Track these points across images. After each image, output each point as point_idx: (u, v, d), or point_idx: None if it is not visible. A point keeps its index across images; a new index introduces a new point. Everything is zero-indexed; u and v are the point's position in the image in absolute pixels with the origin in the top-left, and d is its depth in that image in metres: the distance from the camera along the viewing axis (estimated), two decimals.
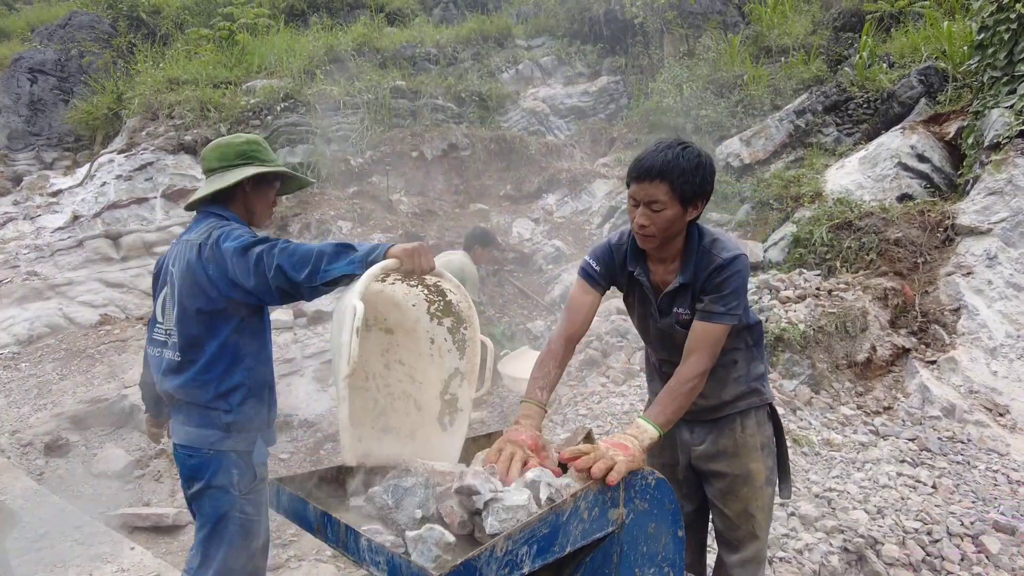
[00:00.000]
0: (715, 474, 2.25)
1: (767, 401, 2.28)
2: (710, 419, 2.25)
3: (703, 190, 1.95)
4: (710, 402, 2.22)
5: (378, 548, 1.37)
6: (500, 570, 1.35)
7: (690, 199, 1.94)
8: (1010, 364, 4.95)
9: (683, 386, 1.92)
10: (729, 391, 2.21)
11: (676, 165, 1.89)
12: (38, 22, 12.44)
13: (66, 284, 6.75)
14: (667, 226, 1.97)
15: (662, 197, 1.92)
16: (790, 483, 2.37)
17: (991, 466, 4.13)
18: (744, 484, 2.21)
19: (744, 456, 2.22)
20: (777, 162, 8.10)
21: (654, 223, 1.96)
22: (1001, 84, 6.16)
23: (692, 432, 2.30)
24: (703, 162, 1.93)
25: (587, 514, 1.56)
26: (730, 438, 2.22)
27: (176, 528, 4.01)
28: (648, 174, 1.92)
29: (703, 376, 1.94)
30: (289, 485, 1.68)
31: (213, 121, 8.33)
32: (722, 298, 1.96)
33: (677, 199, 1.93)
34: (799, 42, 9.63)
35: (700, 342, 1.96)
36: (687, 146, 1.94)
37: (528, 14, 11.33)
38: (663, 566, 1.81)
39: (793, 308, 5.34)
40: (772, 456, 2.28)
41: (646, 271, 2.15)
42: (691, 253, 2.04)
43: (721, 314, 1.96)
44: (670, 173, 1.90)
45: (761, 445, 2.24)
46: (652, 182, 1.92)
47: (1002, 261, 5.45)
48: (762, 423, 2.26)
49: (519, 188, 8.89)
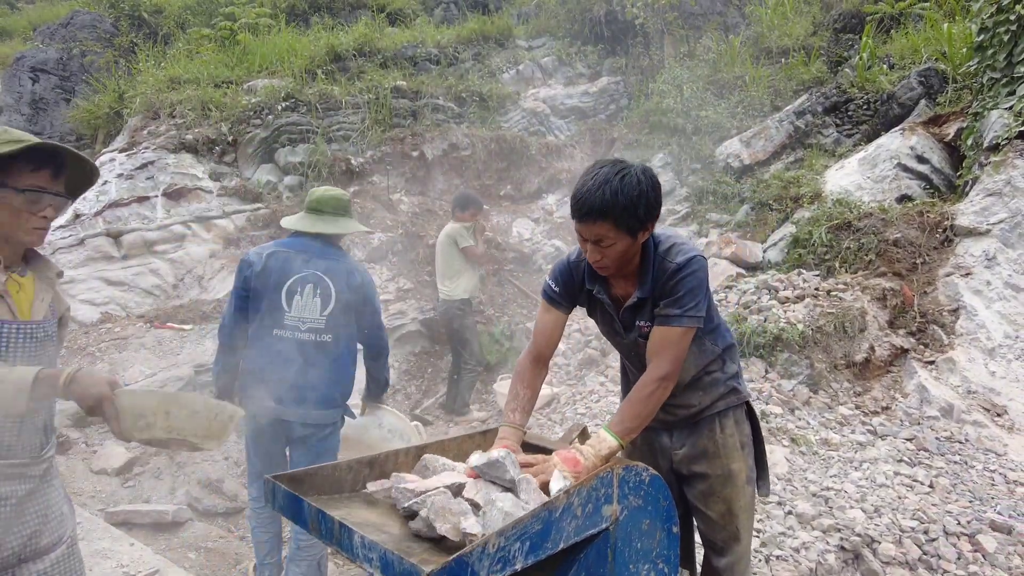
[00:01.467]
0: (697, 476, 2.26)
1: (744, 400, 2.29)
2: (690, 423, 2.26)
3: (650, 215, 1.90)
4: (691, 411, 2.24)
5: (371, 545, 1.38)
6: (492, 566, 1.36)
7: (637, 229, 1.90)
8: (1008, 365, 4.96)
9: (641, 392, 1.89)
10: (708, 396, 2.23)
11: (616, 203, 1.82)
12: (40, 21, 12.46)
13: (67, 282, 6.76)
14: (619, 258, 1.95)
15: (609, 234, 1.88)
16: (768, 480, 2.38)
17: (988, 466, 4.13)
18: (726, 484, 2.22)
19: (725, 456, 2.22)
20: (777, 163, 8.11)
21: (606, 256, 1.93)
22: (1001, 85, 6.16)
23: (672, 436, 2.30)
24: (644, 189, 1.86)
25: (580, 510, 1.57)
26: (710, 439, 2.23)
27: (176, 525, 4.02)
28: (590, 215, 1.85)
29: (664, 380, 1.90)
30: (284, 482, 1.69)
31: (214, 120, 8.35)
32: (677, 300, 1.93)
33: (624, 232, 1.88)
34: (799, 43, 9.63)
35: (659, 347, 1.94)
36: (624, 174, 1.85)
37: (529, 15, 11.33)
38: (657, 562, 1.82)
39: (792, 308, 5.34)
40: (752, 455, 2.29)
41: (606, 288, 2.13)
42: (647, 266, 2.02)
43: (677, 316, 1.93)
44: (612, 211, 1.83)
45: (741, 444, 2.25)
46: (595, 222, 1.86)
47: (1001, 262, 5.45)
48: (740, 422, 2.27)
49: (519, 188, 8.91)
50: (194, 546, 3.86)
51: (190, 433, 1.57)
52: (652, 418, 1.93)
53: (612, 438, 1.80)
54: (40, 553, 1.72)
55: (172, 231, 7.40)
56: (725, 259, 6.58)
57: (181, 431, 1.55)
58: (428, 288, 7.23)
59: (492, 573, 1.35)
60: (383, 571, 1.34)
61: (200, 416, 1.57)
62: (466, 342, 6.01)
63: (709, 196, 8.00)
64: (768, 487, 2.37)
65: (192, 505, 4.29)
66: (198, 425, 1.57)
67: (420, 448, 1.99)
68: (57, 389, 1.49)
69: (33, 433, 1.72)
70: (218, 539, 3.98)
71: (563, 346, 6.19)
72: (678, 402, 2.24)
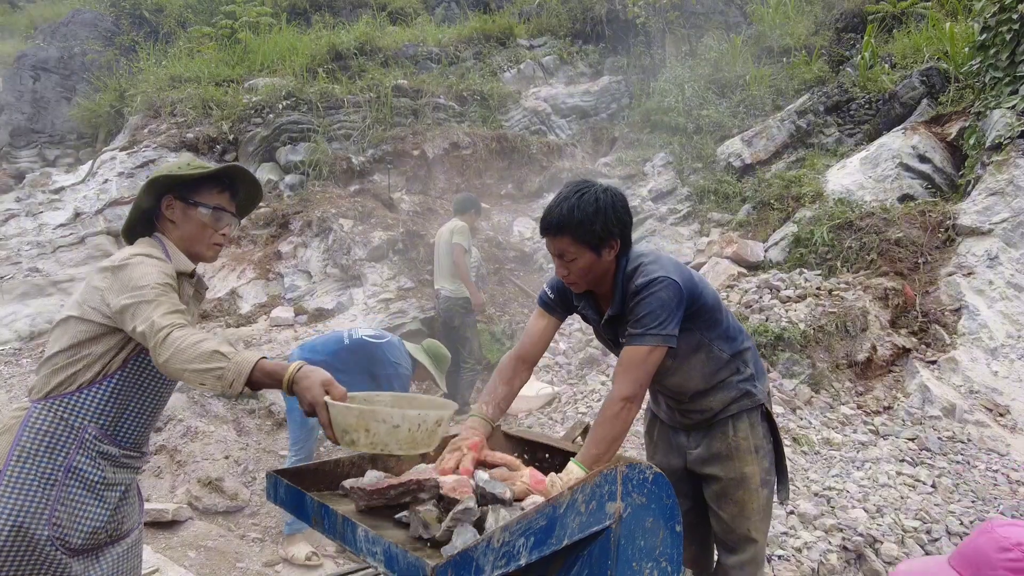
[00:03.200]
0: (710, 478, 2.26)
1: (759, 403, 2.27)
2: (705, 425, 2.27)
3: (608, 232, 1.96)
4: (705, 415, 2.24)
5: (375, 539, 1.37)
6: (497, 561, 1.35)
7: (598, 244, 1.96)
8: (1011, 364, 4.95)
9: (605, 413, 1.87)
10: (721, 399, 2.22)
11: (572, 218, 1.93)
12: (41, 20, 12.45)
13: (68, 281, 6.76)
14: (585, 273, 2.01)
15: (569, 249, 1.97)
16: (788, 486, 2.36)
17: (991, 466, 4.12)
18: (739, 487, 2.21)
19: (737, 459, 2.22)
20: (778, 162, 8.10)
21: (571, 271, 2.02)
22: (1003, 85, 6.15)
23: (688, 436, 2.32)
24: (600, 207, 1.94)
25: (584, 507, 1.56)
26: (723, 442, 2.23)
27: (176, 524, 4.01)
28: (549, 230, 1.98)
29: (626, 400, 1.87)
30: (287, 477, 1.68)
31: (215, 119, 8.34)
32: (638, 321, 1.95)
33: (584, 246, 1.96)
34: (801, 42, 9.61)
35: (623, 366, 1.93)
36: (583, 192, 1.96)
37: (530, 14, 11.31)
38: (660, 560, 1.81)
39: (793, 308, 5.34)
40: (767, 458, 2.27)
41: (593, 305, 2.20)
42: (618, 284, 2.06)
43: (639, 335, 1.93)
44: (568, 226, 1.94)
45: (755, 448, 2.23)
46: (556, 237, 1.98)
47: (1003, 261, 5.44)
48: (755, 425, 2.25)
49: (520, 187, 8.89)
50: (194, 545, 3.85)
51: (395, 447, 1.52)
52: (623, 438, 1.89)
53: (579, 469, 1.78)
54: (122, 536, 1.86)
55: None
56: (727, 258, 6.57)
57: (385, 446, 1.51)
58: (428, 287, 7.22)
59: (497, 568, 1.34)
60: (387, 565, 1.33)
61: (401, 430, 1.51)
62: (466, 340, 6.01)
63: (710, 195, 7.99)
64: (787, 492, 2.35)
65: (192, 504, 4.28)
66: (401, 439, 1.52)
67: None
68: (280, 384, 1.52)
69: (152, 428, 1.90)
70: (218, 538, 3.97)
71: (564, 345, 6.19)
72: (692, 407, 2.25)
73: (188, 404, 5.11)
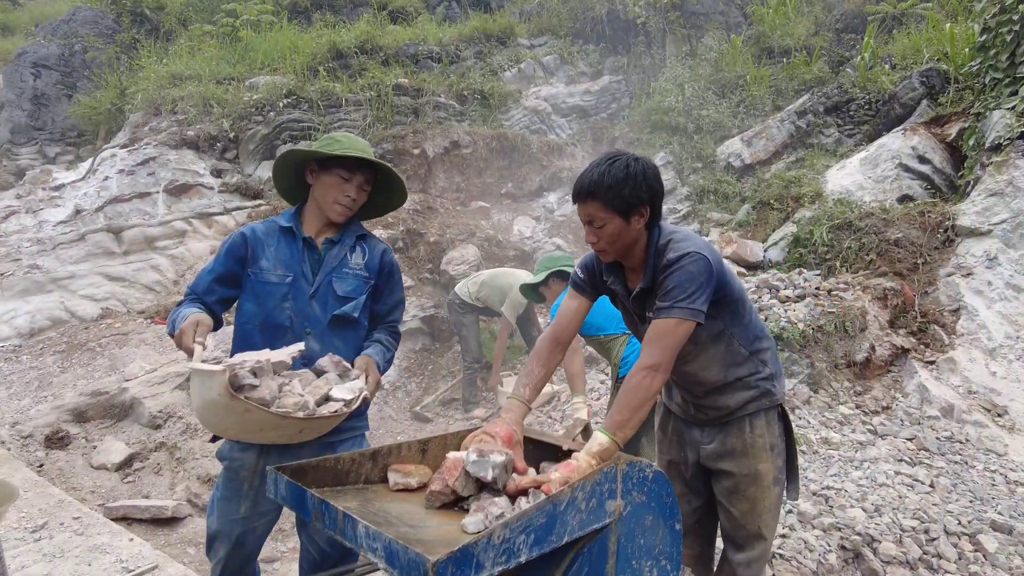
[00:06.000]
0: (723, 473, 2.27)
1: (777, 402, 2.28)
2: (720, 421, 2.27)
3: (637, 198, 1.97)
4: (721, 412, 2.25)
5: (375, 534, 1.38)
6: (498, 558, 1.35)
7: (627, 210, 1.97)
8: (1009, 365, 4.96)
9: (630, 381, 1.87)
10: (739, 397, 2.23)
11: (601, 183, 1.95)
12: (42, 17, 12.45)
13: (68, 278, 6.76)
14: (613, 240, 2.02)
15: (599, 214, 1.99)
16: (798, 484, 2.37)
17: (989, 466, 4.13)
18: (752, 484, 2.22)
19: (752, 456, 2.23)
20: (778, 162, 8.11)
21: (601, 238, 2.03)
22: (1003, 86, 6.16)
23: (702, 431, 2.32)
24: (631, 172, 1.95)
25: (585, 505, 1.56)
26: (739, 438, 2.24)
27: (175, 520, 4.02)
28: (580, 195, 2.01)
29: (651, 370, 1.86)
30: (287, 473, 1.69)
31: (216, 117, 8.34)
32: (667, 293, 1.95)
33: (614, 212, 1.97)
34: (801, 43, 9.62)
35: (650, 337, 1.93)
36: (615, 160, 1.99)
37: (531, 13, 11.31)
38: (660, 559, 1.81)
39: (792, 307, 5.34)
40: (781, 456, 2.28)
41: (622, 279, 2.19)
42: (649, 257, 2.06)
43: (667, 308, 1.93)
44: (598, 190, 1.96)
45: (770, 446, 2.24)
46: (586, 202, 2.00)
47: (1002, 262, 5.45)
48: (771, 423, 2.26)
49: (520, 186, 8.90)
50: (193, 542, 3.85)
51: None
52: (647, 408, 1.87)
53: (603, 435, 1.78)
54: None
55: (173, 227, 7.40)
56: (726, 258, 6.58)
57: None
58: (429, 286, 7.23)
59: (497, 564, 1.35)
60: (388, 560, 1.33)
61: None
62: (464, 339, 6.07)
63: (710, 195, 8.00)
64: (797, 491, 2.36)
65: (191, 501, 4.28)
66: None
67: (423, 442, 1.99)
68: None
69: None
70: None
71: None
72: (709, 403, 2.25)
73: (187, 402, 5.11)
